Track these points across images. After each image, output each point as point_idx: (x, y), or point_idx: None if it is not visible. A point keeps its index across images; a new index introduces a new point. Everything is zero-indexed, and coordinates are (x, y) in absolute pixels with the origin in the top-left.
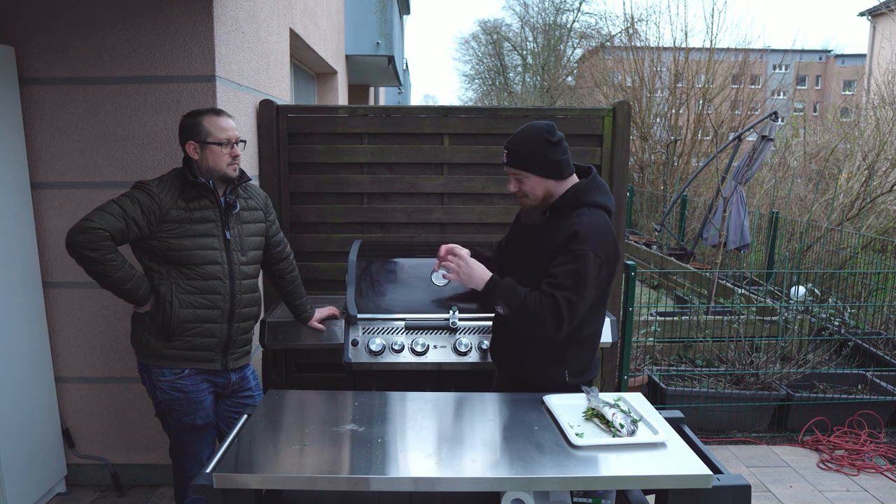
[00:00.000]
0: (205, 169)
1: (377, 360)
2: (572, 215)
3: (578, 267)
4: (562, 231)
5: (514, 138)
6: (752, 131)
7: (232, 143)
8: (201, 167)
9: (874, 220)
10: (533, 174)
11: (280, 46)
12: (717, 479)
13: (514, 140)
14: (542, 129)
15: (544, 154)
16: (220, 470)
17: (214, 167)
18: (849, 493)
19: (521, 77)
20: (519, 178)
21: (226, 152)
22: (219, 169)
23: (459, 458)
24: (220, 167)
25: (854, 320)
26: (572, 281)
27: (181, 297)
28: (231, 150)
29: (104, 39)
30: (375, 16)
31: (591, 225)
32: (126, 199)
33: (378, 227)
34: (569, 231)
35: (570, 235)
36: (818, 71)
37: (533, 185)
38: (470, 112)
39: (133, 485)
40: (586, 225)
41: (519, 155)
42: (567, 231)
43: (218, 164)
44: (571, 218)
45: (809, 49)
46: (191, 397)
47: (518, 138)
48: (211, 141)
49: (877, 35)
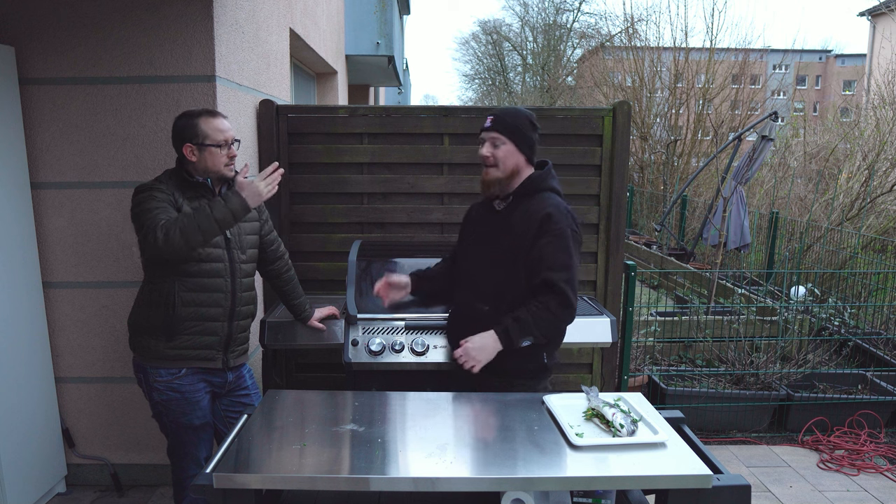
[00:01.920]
0: (202, 170)
1: (377, 360)
2: (535, 199)
3: (562, 243)
4: (531, 214)
5: (501, 109)
6: (752, 131)
7: (229, 143)
8: (198, 169)
9: (874, 220)
10: (511, 143)
11: (280, 46)
12: (717, 479)
13: (500, 110)
14: (528, 112)
15: (526, 130)
16: (220, 470)
17: (213, 168)
18: (849, 493)
19: (521, 77)
20: (497, 143)
21: (223, 153)
22: (216, 170)
23: (459, 458)
24: (217, 168)
25: (854, 320)
26: (560, 258)
27: (183, 296)
28: (228, 150)
29: (104, 39)
30: (375, 16)
31: (558, 205)
32: (150, 200)
33: (378, 227)
34: (541, 214)
35: (544, 218)
36: (818, 71)
37: (507, 153)
38: (470, 112)
39: (133, 485)
40: (555, 206)
41: (504, 121)
42: (539, 214)
43: (216, 165)
44: (536, 202)
45: (809, 49)
46: (188, 397)
47: (505, 109)
48: (209, 143)
49: (877, 35)
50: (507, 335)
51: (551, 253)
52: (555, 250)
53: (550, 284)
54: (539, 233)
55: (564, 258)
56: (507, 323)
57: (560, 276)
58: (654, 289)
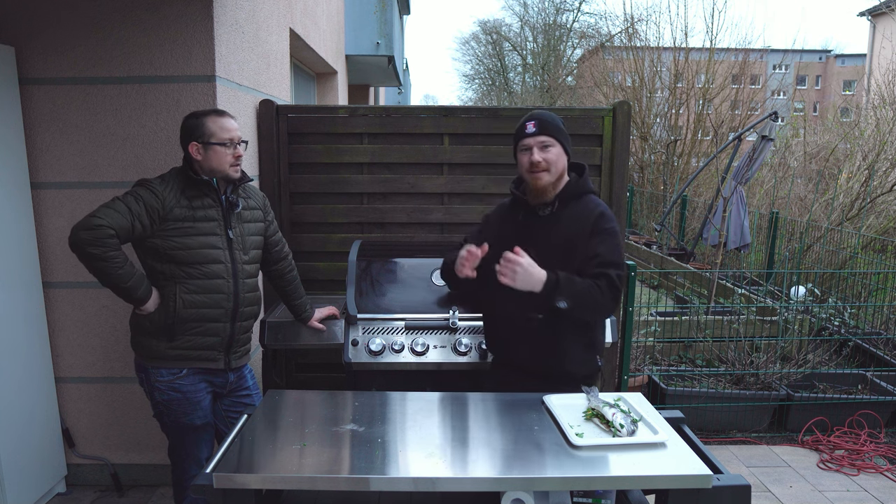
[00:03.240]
0: (207, 169)
1: (377, 359)
2: (581, 202)
3: (616, 241)
4: (583, 216)
5: (540, 113)
6: (752, 131)
7: (235, 143)
8: (203, 168)
9: (874, 220)
10: (559, 144)
11: (280, 46)
12: (717, 479)
13: (540, 114)
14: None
15: (562, 124)
16: (221, 470)
17: (218, 168)
18: (849, 493)
19: (521, 77)
20: (546, 145)
21: (228, 153)
22: (221, 169)
23: (459, 458)
24: (222, 168)
25: (854, 320)
26: (616, 255)
27: (185, 297)
28: (234, 150)
29: (104, 39)
30: (375, 16)
31: (603, 206)
32: (130, 197)
33: (378, 227)
34: (595, 213)
35: (598, 217)
36: (818, 71)
37: (557, 155)
38: (470, 112)
39: (133, 485)
40: (602, 206)
41: (548, 123)
42: (592, 213)
43: (221, 164)
44: (584, 204)
45: (809, 49)
46: (189, 397)
47: (544, 113)
48: (214, 142)
49: (877, 35)
50: (554, 285)
51: (607, 250)
52: (610, 248)
53: (604, 275)
54: (593, 231)
55: (617, 256)
56: (560, 276)
57: (615, 271)
58: (654, 289)
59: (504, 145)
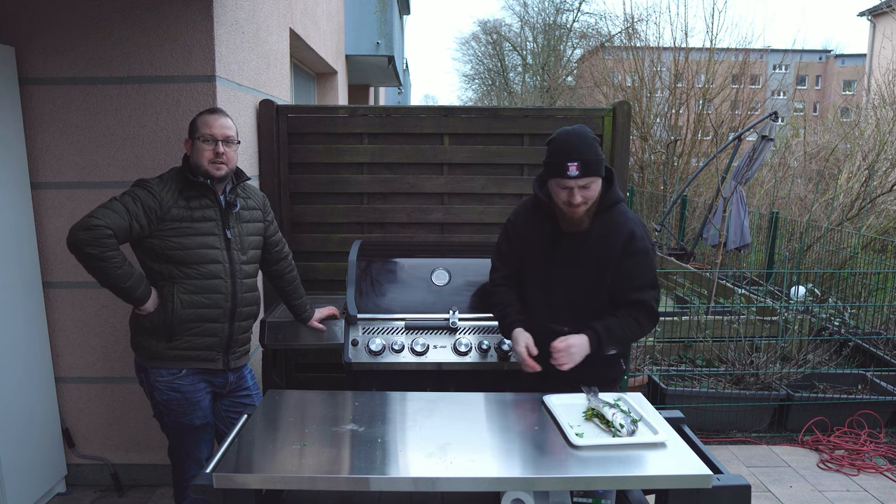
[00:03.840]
0: (193, 164)
1: (377, 360)
2: (609, 214)
3: (649, 261)
4: (612, 233)
5: (578, 147)
6: (752, 131)
7: (217, 140)
8: (191, 163)
9: (874, 220)
10: (599, 177)
11: (280, 46)
12: (717, 479)
13: (578, 149)
14: (590, 131)
15: (601, 155)
16: (220, 470)
17: (197, 162)
18: (849, 493)
19: (521, 77)
20: (586, 185)
21: (208, 149)
22: (200, 164)
23: (459, 458)
24: (201, 163)
25: (854, 320)
26: (650, 276)
27: (183, 297)
28: (215, 147)
29: (104, 39)
30: (375, 16)
31: (635, 220)
32: (128, 197)
33: (378, 227)
34: (625, 232)
35: (629, 236)
36: (818, 71)
37: (596, 188)
38: (470, 112)
39: (133, 485)
40: (633, 221)
41: (592, 164)
42: (622, 233)
43: (200, 159)
44: (612, 218)
45: (809, 49)
46: (188, 397)
47: (582, 146)
48: (197, 136)
49: (877, 35)
50: (598, 342)
51: (640, 273)
52: (643, 270)
53: (642, 303)
54: (625, 252)
55: (652, 276)
56: (600, 331)
57: (650, 294)
58: None
59: (504, 145)
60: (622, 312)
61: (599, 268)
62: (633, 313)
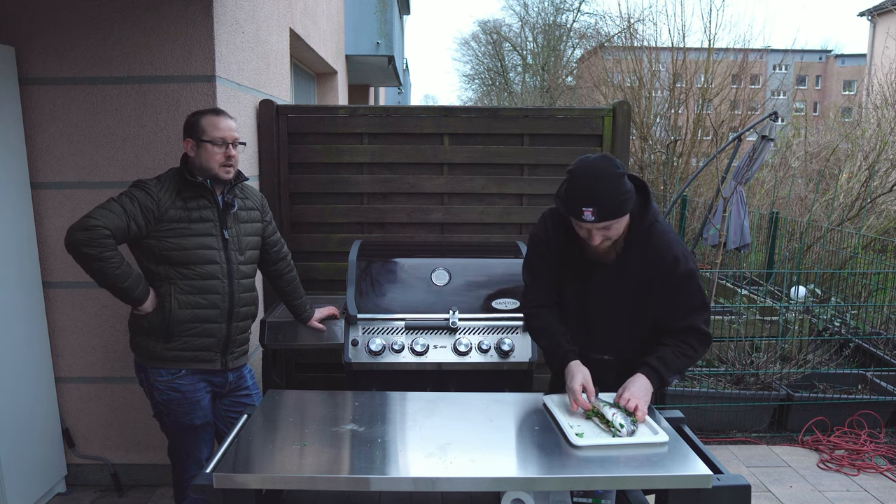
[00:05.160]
0: (198, 167)
1: (377, 360)
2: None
3: (696, 284)
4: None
5: (596, 189)
6: (751, 131)
7: (227, 143)
8: (196, 165)
9: (875, 221)
10: (622, 217)
11: (280, 46)
12: (717, 479)
13: (596, 192)
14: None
15: (623, 194)
16: (220, 470)
17: (207, 166)
18: (849, 493)
19: (521, 77)
20: (606, 227)
21: (219, 152)
22: (210, 168)
23: (459, 458)
24: (212, 167)
25: (854, 321)
26: (699, 299)
27: (180, 298)
28: (225, 150)
29: (104, 39)
30: (375, 16)
31: (674, 241)
32: (126, 198)
33: (378, 227)
34: (668, 259)
35: (671, 263)
36: (818, 71)
37: (619, 226)
38: (470, 112)
39: (133, 485)
40: (674, 243)
41: (610, 206)
42: (665, 259)
43: (210, 163)
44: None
45: (809, 49)
46: (188, 397)
47: (600, 187)
48: (206, 139)
49: (877, 35)
50: (660, 379)
51: (689, 299)
52: (692, 295)
53: (693, 329)
54: (670, 279)
55: (700, 299)
56: (657, 367)
57: (701, 318)
58: None
59: (504, 145)
60: (673, 340)
61: (642, 297)
62: (685, 339)
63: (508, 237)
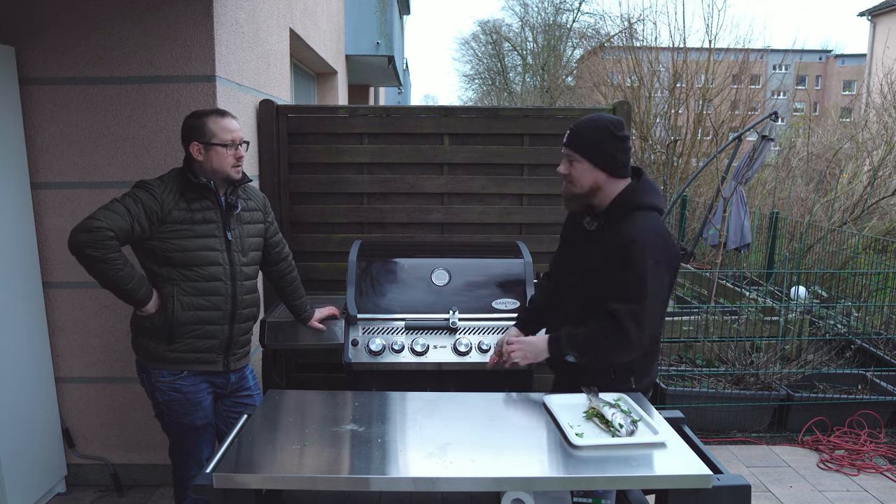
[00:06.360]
0: (208, 170)
1: (377, 360)
2: (627, 220)
3: (637, 273)
4: (617, 239)
5: (580, 122)
6: (752, 131)
7: (236, 144)
8: (204, 168)
9: (877, 222)
10: (586, 160)
11: (280, 46)
12: (717, 479)
13: (578, 123)
14: (610, 120)
15: (603, 143)
16: (220, 470)
17: (219, 169)
18: (849, 493)
19: (521, 77)
20: (572, 160)
21: (230, 154)
22: (222, 170)
23: (459, 458)
24: (223, 169)
25: (855, 321)
26: (631, 289)
27: (183, 299)
28: (235, 151)
29: (104, 40)
30: (375, 16)
31: (647, 230)
32: (129, 199)
33: (378, 227)
34: (626, 239)
35: (628, 244)
36: (818, 71)
37: (582, 171)
38: (470, 112)
39: (133, 485)
40: (643, 230)
41: (578, 137)
42: (624, 239)
43: (222, 165)
44: (627, 225)
45: (809, 49)
46: (190, 398)
47: (583, 122)
48: (215, 142)
49: (877, 35)
50: (556, 345)
51: (623, 284)
52: (628, 281)
53: (611, 315)
54: (620, 259)
55: (633, 289)
56: (561, 333)
57: (626, 308)
58: None
59: (504, 145)
60: (595, 321)
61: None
62: (604, 324)
63: (508, 237)
